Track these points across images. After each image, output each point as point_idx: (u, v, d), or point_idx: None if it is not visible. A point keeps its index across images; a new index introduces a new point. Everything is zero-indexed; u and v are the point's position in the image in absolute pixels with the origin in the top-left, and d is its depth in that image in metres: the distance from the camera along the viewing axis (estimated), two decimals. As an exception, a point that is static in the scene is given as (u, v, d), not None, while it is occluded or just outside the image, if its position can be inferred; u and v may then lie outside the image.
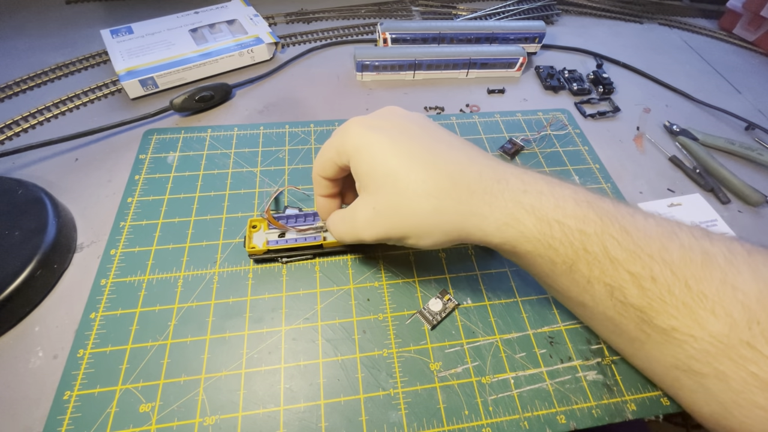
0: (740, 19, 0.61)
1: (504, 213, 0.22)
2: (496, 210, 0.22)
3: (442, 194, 0.22)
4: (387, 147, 0.23)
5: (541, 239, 0.22)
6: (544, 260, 0.22)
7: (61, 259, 0.31)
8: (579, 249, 0.21)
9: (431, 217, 0.22)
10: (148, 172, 0.37)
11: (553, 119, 0.45)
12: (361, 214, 0.24)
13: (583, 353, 0.29)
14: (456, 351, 0.29)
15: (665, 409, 0.27)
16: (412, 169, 0.22)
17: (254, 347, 0.28)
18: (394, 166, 0.23)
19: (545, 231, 0.22)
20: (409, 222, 0.23)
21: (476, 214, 0.22)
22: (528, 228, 0.22)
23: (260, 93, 0.46)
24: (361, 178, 0.24)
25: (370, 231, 0.24)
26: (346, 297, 0.31)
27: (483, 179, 0.22)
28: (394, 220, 0.23)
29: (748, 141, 0.46)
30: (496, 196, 0.22)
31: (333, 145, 0.25)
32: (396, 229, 0.23)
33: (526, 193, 0.22)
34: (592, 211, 0.22)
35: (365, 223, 0.24)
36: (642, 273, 0.21)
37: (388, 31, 0.50)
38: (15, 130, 0.40)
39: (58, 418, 0.25)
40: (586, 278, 0.22)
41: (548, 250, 0.22)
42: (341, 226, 0.26)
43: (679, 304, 0.20)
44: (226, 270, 0.32)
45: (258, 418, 0.26)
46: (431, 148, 0.23)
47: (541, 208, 0.22)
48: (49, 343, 0.28)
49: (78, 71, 0.47)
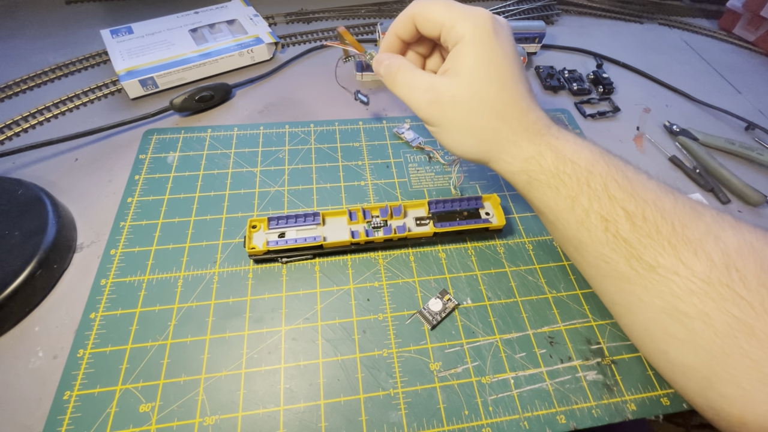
0: (740, 19, 0.61)
1: (535, 149, 0.26)
2: (531, 145, 0.26)
3: (510, 121, 0.26)
4: (500, 59, 0.26)
5: (554, 171, 0.26)
6: (552, 189, 0.26)
7: (61, 259, 0.31)
8: (583, 183, 0.25)
9: (487, 133, 0.27)
10: (148, 172, 0.37)
11: (553, 119, 0.45)
12: (435, 90, 0.26)
13: (583, 353, 0.29)
14: (456, 351, 0.29)
15: (665, 409, 0.27)
16: (502, 92, 0.26)
17: (254, 347, 0.28)
18: (494, 78, 0.26)
19: (559, 166, 0.25)
20: (470, 127, 0.27)
21: (517, 144, 0.26)
22: (547, 162, 0.26)
23: (260, 93, 0.46)
24: (461, 65, 0.26)
25: (428, 108, 0.27)
26: (346, 297, 0.31)
27: (538, 123, 0.27)
28: (459, 116, 0.26)
29: (748, 141, 0.46)
30: (538, 136, 0.26)
31: (453, 14, 0.26)
32: (453, 124, 0.27)
33: (557, 139, 0.26)
34: (603, 159, 0.25)
35: (431, 99, 0.27)
36: (635, 211, 0.23)
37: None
38: (15, 130, 0.40)
39: (58, 418, 0.25)
40: (585, 210, 0.25)
41: (557, 181, 0.25)
42: (406, 77, 0.28)
43: (665, 242, 0.22)
44: (226, 270, 0.32)
45: (258, 418, 0.26)
46: (522, 81, 0.27)
47: (563, 149, 0.26)
48: (49, 343, 0.28)
49: (78, 71, 0.47)
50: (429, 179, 0.39)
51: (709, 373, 0.22)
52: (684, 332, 0.22)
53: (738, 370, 0.20)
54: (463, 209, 0.34)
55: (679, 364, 0.23)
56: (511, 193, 0.38)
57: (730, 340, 0.20)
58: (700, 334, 0.21)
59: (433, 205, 0.33)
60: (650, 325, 0.24)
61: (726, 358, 0.21)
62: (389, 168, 0.39)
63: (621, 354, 0.29)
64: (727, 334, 0.20)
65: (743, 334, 0.20)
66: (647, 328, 0.25)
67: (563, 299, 0.32)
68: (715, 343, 0.21)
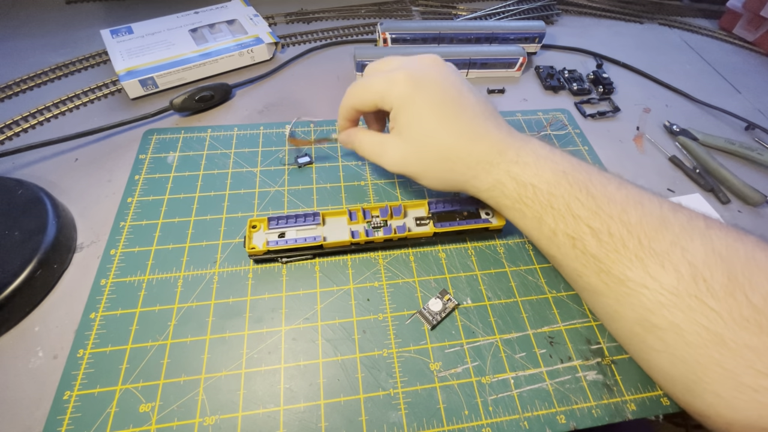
0: (740, 19, 0.61)
1: (495, 178, 0.28)
2: (490, 176, 0.28)
3: (458, 160, 0.28)
4: (428, 109, 0.28)
5: (516, 197, 0.27)
6: (518, 212, 0.28)
7: (61, 259, 0.31)
8: (546, 206, 0.26)
9: (444, 173, 0.29)
10: (148, 172, 0.37)
11: (553, 119, 0.45)
12: (391, 152, 0.30)
13: (583, 353, 0.29)
14: (456, 351, 0.29)
15: (665, 409, 0.27)
16: (443, 135, 0.28)
17: (254, 347, 0.28)
18: (430, 128, 0.28)
19: (520, 192, 0.27)
20: (427, 173, 0.29)
21: (476, 178, 0.28)
22: (509, 189, 0.27)
23: (260, 93, 0.46)
24: (399, 126, 0.29)
25: (393, 167, 0.30)
26: (346, 297, 0.31)
27: (490, 152, 0.28)
28: (414, 168, 0.29)
29: (748, 141, 0.46)
30: (494, 166, 0.27)
31: (379, 90, 0.29)
32: (413, 174, 0.30)
33: (515, 164, 0.27)
34: (565, 179, 0.26)
35: (391, 159, 0.30)
36: (600, 228, 0.24)
37: (388, 31, 0.50)
38: (15, 130, 0.40)
39: (58, 418, 0.25)
40: (551, 230, 0.26)
41: (521, 205, 0.27)
42: (368, 148, 0.32)
43: (632, 256, 0.23)
44: (226, 270, 0.32)
45: (258, 418, 0.26)
46: (462, 117, 0.28)
47: (522, 175, 0.27)
48: (49, 343, 0.28)
49: (78, 71, 0.47)
50: (429, 179, 0.39)
51: (689, 382, 0.22)
52: (659, 343, 0.22)
53: (713, 379, 0.20)
54: (463, 209, 0.34)
55: (661, 372, 0.24)
56: (511, 193, 0.38)
57: (702, 350, 0.21)
58: (674, 345, 0.22)
59: (433, 205, 0.33)
60: (628, 335, 0.25)
61: (701, 368, 0.21)
62: (389, 168, 0.39)
63: (621, 354, 0.29)
64: (699, 344, 0.21)
65: (714, 344, 0.20)
66: (627, 339, 0.25)
67: (563, 299, 0.32)
68: (689, 354, 0.21)
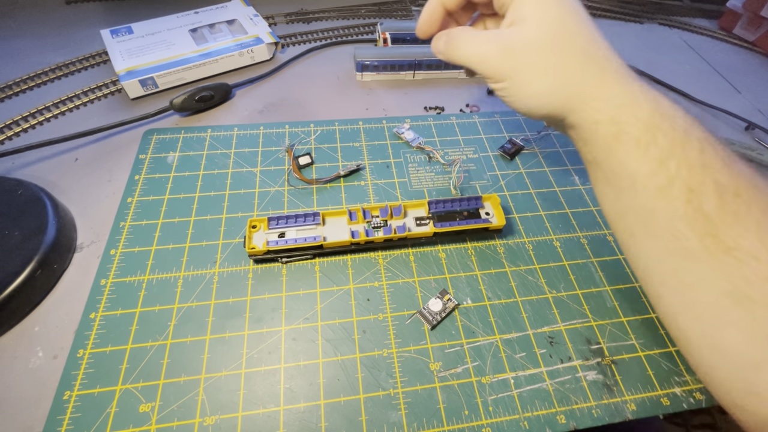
0: (740, 19, 0.61)
1: (630, 95, 0.23)
2: (624, 90, 0.23)
3: (591, 59, 0.24)
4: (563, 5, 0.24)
5: (648, 125, 0.22)
6: (640, 148, 0.23)
7: (61, 259, 0.31)
8: (677, 146, 0.22)
9: (569, 75, 0.24)
10: (148, 172, 0.37)
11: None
12: (501, 41, 0.25)
13: (583, 353, 0.29)
14: (456, 351, 0.29)
15: (665, 409, 0.27)
16: (580, 27, 0.24)
17: (254, 347, 0.28)
18: (568, 14, 0.24)
19: (656, 120, 0.22)
20: (547, 70, 0.24)
21: (607, 87, 0.23)
22: (643, 113, 0.22)
23: (260, 93, 0.46)
24: (527, 12, 0.24)
25: (498, 59, 0.25)
26: (346, 297, 0.31)
27: (623, 66, 0.24)
28: (530, 61, 0.24)
29: (748, 141, 0.46)
30: (629, 79, 0.24)
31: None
32: (523, 72, 0.24)
33: (650, 91, 0.23)
34: (697, 125, 0.23)
35: (501, 49, 0.25)
36: (728, 185, 0.21)
37: (388, 31, 0.50)
38: (15, 130, 0.40)
39: (58, 418, 0.25)
40: (670, 178, 0.22)
41: (649, 137, 0.22)
42: (467, 40, 0.26)
43: (752, 223, 0.20)
44: (226, 270, 0.32)
45: (258, 418, 0.26)
46: (591, 21, 0.25)
47: (661, 102, 0.23)
48: (49, 343, 0.28)
49: (78, 71, 0.47)
50: (429, 179, 0.39)
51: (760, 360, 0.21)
52: (744, 317, 0.21)
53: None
54: (463, 209, 0.34)
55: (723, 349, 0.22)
56: (511, 193, 0.38)
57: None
58: (761, 321, 0.20)
59: (433, 205, 0.33)
60: (704, 307, 0.22)
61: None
62: (389, 168, 0.39)
63: (621, 354, 0.29)
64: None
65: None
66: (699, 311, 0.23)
67: (563, 299, 0.32)
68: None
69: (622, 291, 0.32)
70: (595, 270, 0.33)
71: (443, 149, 0.41)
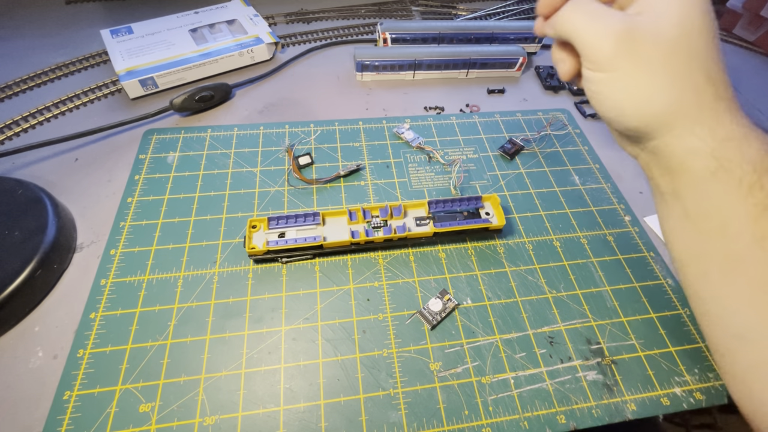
0: (740, 19, 0.61)
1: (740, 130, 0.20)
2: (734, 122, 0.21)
3: (712, 80, 0.21)
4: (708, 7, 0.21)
5: (757, 167, 0.20)
6: (741, 189, 0.20)
7: (61, 259, 0.31)
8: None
9: (686, 87, 0.20)
10: (148, 172, 0.37)
11: (553, 119, 0.45)
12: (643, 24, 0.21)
13: (583, 353, 0.29)
14: (456, 351, 0.29)
15: (665, 409, 0.27)
16: (711, 44, 0.21)
17: (254, 347, 0.28)
18: (704, 26, 0.20)
19: (765, 163, 0.20)
20: (666, 72, 0.20)
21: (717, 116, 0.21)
22: (751, 151, 0.20)
23: (260, 93, 0.46)
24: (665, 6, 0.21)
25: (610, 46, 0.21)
26: (346, 297, 0.31)
27: (735, 99, 0.21)
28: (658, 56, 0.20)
29: (748, 141, 0.46)
30: (739, 114, 0.21)
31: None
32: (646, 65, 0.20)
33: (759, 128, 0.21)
34: None
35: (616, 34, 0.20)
36: None
37: (388, 31, 0.50)
38: (15, 130, 0.40)
39: (58, 418, 0.25)
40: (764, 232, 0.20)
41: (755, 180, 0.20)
42: (599, 9, 0.21)
43: None
44: (226, 270, 0.32)
45: (258, 418, 0.26)
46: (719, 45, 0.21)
47: None
48: (49, 343, 0.28)
49: (78, 71, 0.47)
50: (429, 179, 0.39)
51: None
52: None
53: None
54: (463, 209, 0.34)
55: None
56: (511, 193, 0.38)
57: None
58: None
59: (433, 205, 0.33)
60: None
61: None
62: (389, 168, 0.39)
63: (621, 354, 0.29)
64: None
65: None
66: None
67: (563, 299, 0.32)
68: None
69: (622, 291, 0.32)
70: (595, 270, 0.33)
71: (443, 149, 0.41)
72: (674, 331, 0.30)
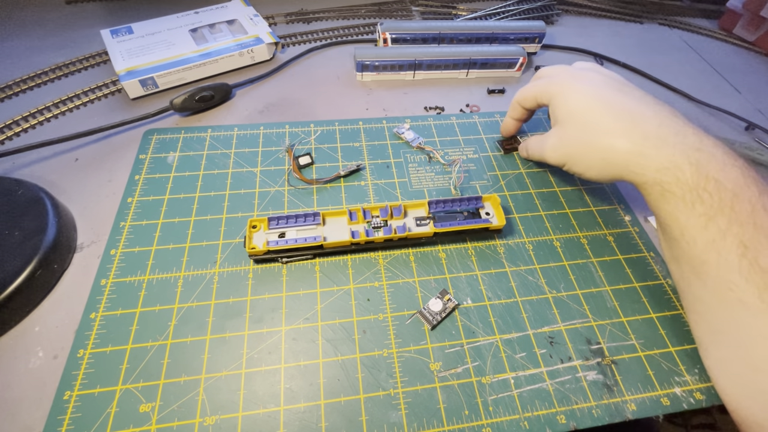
0: (740, 19, 0.61)
1: (669, 159, 0.25)
2: (662, 155, 0.25)
3: (618, 134, 0.27)
4: (585, 93, 0.29)
5: (692, 186, 0.24)
6: (686, 205, 0.24)
7: (61, 259, 0.31)
8: (726, 206, 0.23)
9: (604, 153, 0.28)
10: (148, 172, 0.37)
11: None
12: (551, 141, 0.32)
13: (583, 353, 0.29)
14: (456, 351, 0.29)
15: (665, 409, 0.27)
16: (597, 112, 0.28)
17: (254, 347, 0.28)
18: (590, 106, 0.29)
19: (700, 182, 0.24)
20: (584, 154, 0.29)
21: (643, 155, 0.26)
22: (684, 176, 0.24)
23: (260, 93, 0.46)
24: (556, 115, 0.31)
25: (553, 154, 0.32)
26: (346, 297, 0.31)
27: (662, 130, 0.26)
28: (571, 149, 0.30)
29: (748, 141, 0.46)
30: (668, 145, 0.25)
31: (539, 87, 0.33)
32: (570, 155, 0.30)
33: (698, 151, 0.25)
34: (755, 185, 0.24)
35: (551, 147, 0.32)
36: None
37: (388, 31, 0.50)
38: (15, 130, 0.40)
39: (58, 418, 0.25)
40: (721, 232, 0.23)
41: (694, 197, 0.24)
42: (533, 145, 0.36)
43: None
44: (226, 270, 0.32)
45: (258, 418, 0.26)
46: (620, 99, 0.28)
47: (706, 166, 0.24)
48: (49, 343, 0.28)
49: (78, 71, 0.47)
50: (429, 179, 0.39)
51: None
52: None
53: None
54: (463, 209, 0.34)
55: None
56: (511, 193, 0.38)
57: None
58: None
59: (433, 205, 0.33)
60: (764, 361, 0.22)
61: None
62: (389, 168, 0.39)
63: (621, 354, 0.29)
64: None
65: None
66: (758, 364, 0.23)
67: (563, 299, 0.32)
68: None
69: (622, 291, 0.32)
70: (595, 270, 0.33)
71: (443, 149, 0.41)
72: (674, 331, 0.30)
